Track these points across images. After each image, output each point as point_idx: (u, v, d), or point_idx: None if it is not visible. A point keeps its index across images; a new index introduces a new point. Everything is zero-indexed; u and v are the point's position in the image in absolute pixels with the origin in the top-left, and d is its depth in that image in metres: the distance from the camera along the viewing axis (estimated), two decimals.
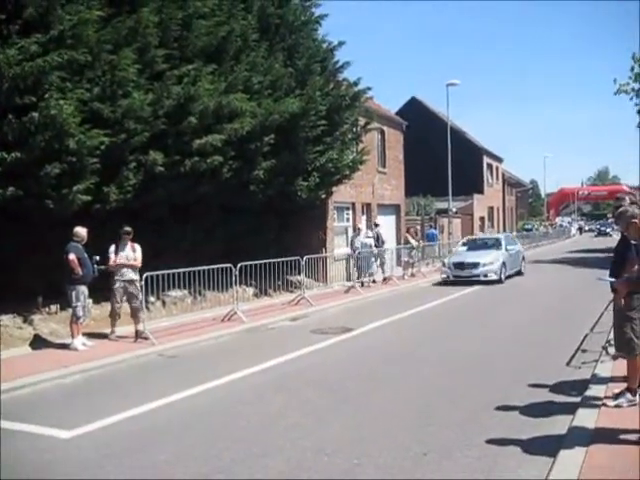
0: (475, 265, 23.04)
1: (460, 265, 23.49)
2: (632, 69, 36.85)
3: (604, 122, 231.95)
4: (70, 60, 11.98)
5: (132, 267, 12.67)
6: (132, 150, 14.00)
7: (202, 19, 15.72)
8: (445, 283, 23.50)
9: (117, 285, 12.62)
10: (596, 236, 78.44)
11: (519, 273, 26.05)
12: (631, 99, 38.04)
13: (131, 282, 12.67)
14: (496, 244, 25.56)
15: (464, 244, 28.72)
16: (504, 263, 23.70)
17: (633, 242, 7.04)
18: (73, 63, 12.22)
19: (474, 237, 34.27)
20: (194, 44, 15.47)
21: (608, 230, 79.29)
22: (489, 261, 23.25)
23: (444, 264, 24.65)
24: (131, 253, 12.76)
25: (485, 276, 22.71)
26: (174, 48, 15.01)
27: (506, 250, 24.80)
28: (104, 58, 13.08)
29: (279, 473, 5.84)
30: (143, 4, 14.06)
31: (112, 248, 12.68)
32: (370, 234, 25.07)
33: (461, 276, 23.05)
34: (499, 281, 22.91)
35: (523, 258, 27.55)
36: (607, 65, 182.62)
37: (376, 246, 24.34)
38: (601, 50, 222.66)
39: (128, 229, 12.80)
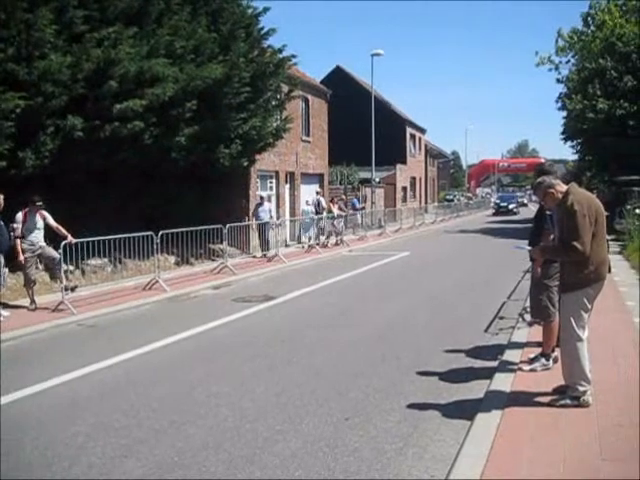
0: None
1: None
2: (556, 41, 38.00)
3: (524, 97, 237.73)
4: None
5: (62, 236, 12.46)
6: (50, 114, 13.58)
7: None
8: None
9: (28, 254, 12.28)
10: (494, 214, 58.33)
11: None
12: (550, 70, 39.23)
13: (42, 247, 12.40)
14: None
15: None
16: None
17: (548, 212, 7.29)
18: None
19: None
20: (115, 6, 15.02)
21: (512, 206, 59.70)
22: None
23: None
24: (40, 222, 12.44)
25: None
26: (94, 9, 14.57)
27: None
28: (19, 17, 12.60)
29: (201, 441, 5.84)
30: None
31: (19, 217, 12.28)
32: (310, 202, 26.83)
33: None
34: None
35: None
36: (529, 42, 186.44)
37: (317, 213, 26.13)
38: (523, 26, 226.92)
39: (37, 200, 12.39)
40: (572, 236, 5.87)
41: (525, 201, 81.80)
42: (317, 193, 29.07)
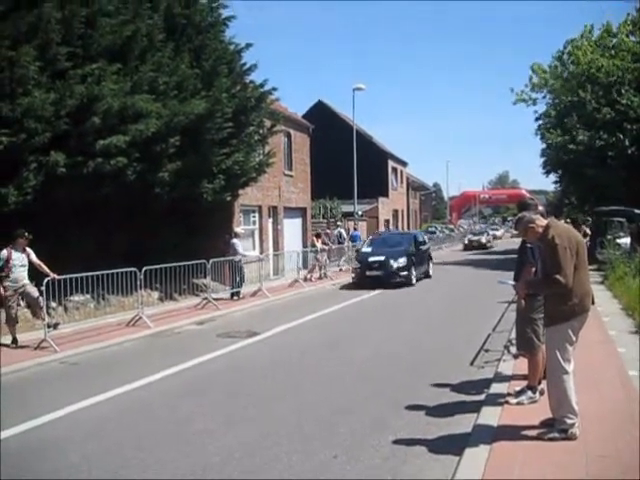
0: None
1: None
2: (530, 79, 38.57)
3: (505, 129, 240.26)
4: None
5: (42, 272, 12.34)
6: (32, 150, 13.57)
7: (107, 17, 15.37)
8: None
9: (10, 292, 12.19)
10: (355, 281, 24.13)
11: None
12: (528, 106, 39.82)
13: (25, 285, 12.29)
14: None
15: None
16: None
17: (529, 245, 7.38)
18: None
19: None
20: (98, 43, 15.11)
21: (399, 264, 22.69)
22: None
23: None
24: (25, 259, 12.35)
25: None
26: (78, 46, 14.63)
27: None
28: (2, 54, 12.65)
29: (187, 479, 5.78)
30: None
31: (4, 253, 12.20)
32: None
33: None
34: None
35: None
36: (507, 74, 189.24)
37: (340, 243, 30.00)
38: (502, 62, 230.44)
39: (21, 235, 12.27)
40: (554, 269, 5.92)
41: (483, 240, 55.29)
42: (338, 225, 32.13)
